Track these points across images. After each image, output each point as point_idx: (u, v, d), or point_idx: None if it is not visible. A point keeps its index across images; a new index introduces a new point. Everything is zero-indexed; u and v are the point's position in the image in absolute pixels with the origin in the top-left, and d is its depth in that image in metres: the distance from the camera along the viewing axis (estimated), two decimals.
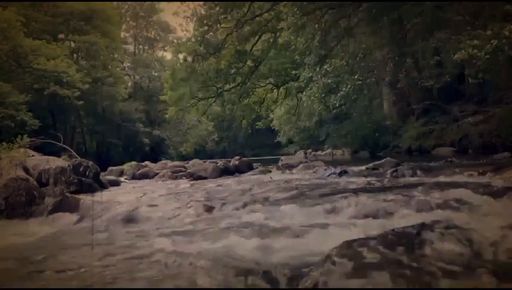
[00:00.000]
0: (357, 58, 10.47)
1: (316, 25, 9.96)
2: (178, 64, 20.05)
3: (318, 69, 11.05)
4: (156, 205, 3.34)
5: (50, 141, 11.63)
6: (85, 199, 3.71)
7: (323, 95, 11.85)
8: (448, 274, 1.13)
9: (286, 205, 2.81)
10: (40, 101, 19.49)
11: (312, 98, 12.54)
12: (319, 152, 19.22)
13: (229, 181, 5.62)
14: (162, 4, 37.11)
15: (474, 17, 7.42)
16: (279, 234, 2.06)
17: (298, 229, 2.11)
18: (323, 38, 10.30)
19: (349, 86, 10.44)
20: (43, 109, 20.67)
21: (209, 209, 2.99)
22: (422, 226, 1.45)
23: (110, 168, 9.96)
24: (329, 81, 11.13)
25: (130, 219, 2.88)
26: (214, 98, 19.74)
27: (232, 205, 3.08)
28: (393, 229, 1.48)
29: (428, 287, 1.09)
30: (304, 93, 14.55)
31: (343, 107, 12.06)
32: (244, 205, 3.02)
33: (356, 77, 10.24)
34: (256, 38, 17.46)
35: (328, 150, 18.37)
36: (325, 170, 6.05)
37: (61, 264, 1.78)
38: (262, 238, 1.99)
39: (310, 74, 11.53)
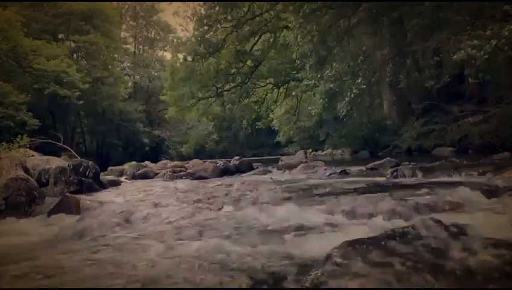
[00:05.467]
0: (359, 61, 10.47)
1: (316, 29, 9.96)
2: (178, 64, 20.07)
3: (319, 75, 11.05)
4: (155, 205, 3.34)
5: (50, 141, 11.68)
6: (85, 199, 3.71)
7: (326, 100, 11.85)
8: (448, 274, 1.13)
9: (286, 205, 2.81)
10: (40, 101, 19.48)
11: (316, 104, 12.56)
12: (319, 152, 19.22)
13: (229, 181, 5.62)
14: (162, 4, 37.13)
15: (474, 17, 7.42)
16: (279, 234, 2.06)
17: (298, 229, 2.11)
18: (324, 39, 10.31)
19: (354, 91, 10.38)
20: (43, 109, 20.66)
21: (208, 209, 2.99)
22: (422, 226, 1.45)
23: (110, 168, 9.96)
24: (331, 85, 11.11)
25: (129, 219, 2.88)
26: (214, 98, 19.75)
27: (231, 205, 3.08)
28: (393, 229, 1.48)
29: (428, 287, 1.09)
30: (308, 101, 14.55)
31: (350, 112, 12.00)
32: (244, 205, 3.02)
33: (360, 80, 10.21)
34: (256, 38, 17.47)
35: (328, 150, 18.38)
36: (325, 170, 6.06)
37: (60, 264, 1.78)
38: (261, 239, 1.99)
39: (313, 81, 11.53)
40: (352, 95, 10.47)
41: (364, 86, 10.30)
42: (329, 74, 10.88)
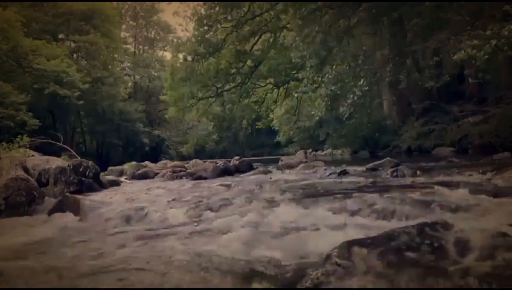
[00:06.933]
0: (360, 62, 10.46)
1: (317, 28, 9.96)
2: (178, 64, 20.07)
3: (320, 78, 11.04)
4: (155, 205, 3.34)
5: (50, 141, 11.69)
6: (85, 199, 3.71)
7: (329, 102, 11.86)
8: (447, 274, 1.13)
9: (286, 205, 2.81)
10: (40, 101, 19.49)
11: (319, 107, 12.57)
12: (319, 152, 19.23)
13: (229, 181, 5.62)
14: (162, 4, 37.13)
15: (474, 17, 7.42)
16: (278, 234, 2.07)
17: (298, 230, 2.11)
18: (325, 40, 10.31)
19: (357, 93, 10.34)
20: (43, 109, 20.67)
21: (208, 209, 2.99)
22: (422, 226, 1.45)
23: (110, 168, 9.96)
24: (333, 88, 11.10)
25: (129, 219, 2.88)
26: (214, 98, 19.74)
27: (231, 205, 3.08)
28: (393, 229, 1.48)
29: (428, 287, 1.09)
30: (308, 101, 14.50)
31: (352, 113, 11.96)
32: (244, 206, 3.02)
33: (362, 82, 10.19)
34: (256, 38, 17.46)
35: (328, 150, 18.38)
36: (325, 170, 6.05)
37: (60, 264, 1.78)
38: (261, 239, 1.99)
39: (314, 84, 11.52)
40: (356, 97, 10.44)
41: (367, 88, 10.27)
42: (330, 76, 10.87)
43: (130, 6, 37.47)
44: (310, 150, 20.10)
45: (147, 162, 11.24)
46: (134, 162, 10.56)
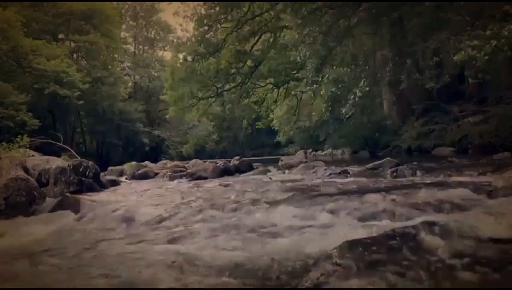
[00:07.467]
0: (360, 62, 10.46)
1: (317, 28, 9.96)
2: (178, 64, 20.06)
3: (320, 79, 11.05)
4: (155, 205, 3.34)
5: (50, 141, 11.70)
6: (85, 199, 3.71)
7: (329, 103, 11.88)
8: (448, 274, 1.13)
9: (286, 205, 2.81)
10: (40, 101, 19.46)
11: (319, 108, 12.61)
12: (319, 152, 19.22)
13: (229, 181, 5.62)
14: (162, 4, 37.08)
15: (474, 17, 7.42)
16: (278, 234, 2.07)
17: (298, 230, 2.11)
18: (325, 40, 10.31)
19: (358, 94, 10.33)
20: (43, 109, 20.64)
21: (208, 209, 2.99)
22: (422, 226, 1.45)
23: (110, 168, 9.95)
24: (333, 89, 11.09)
25: (129, 219, 2.87)
26: (214, 98, 19.74)
27: (230, 205, 3.08)
28: (393, 229, 1.48)
29: (429, 287, 1.09)
30: (308, 102, 14.53)
31: (353, 114, 11.92)
32: (244, 205, 3.02)
33: (362, 83, 10.18)
34: (256, 38, 17.45)
35: (328, 150, 18.36)
36: (325, 170, 6.05)
37: (60, 264, 1.77)
38: (261, 239, 1.99)
39: (314, 85, 11.55)
40: (357, 98, 10.41)
41: (367, 89, 10.26)
42: (330, 78, 10.87)
43: (130, 6, 37.43)
44: (310, 150, 20.08)
45: (146, 162, 11.23)
46: (134, 162, 10.55)
